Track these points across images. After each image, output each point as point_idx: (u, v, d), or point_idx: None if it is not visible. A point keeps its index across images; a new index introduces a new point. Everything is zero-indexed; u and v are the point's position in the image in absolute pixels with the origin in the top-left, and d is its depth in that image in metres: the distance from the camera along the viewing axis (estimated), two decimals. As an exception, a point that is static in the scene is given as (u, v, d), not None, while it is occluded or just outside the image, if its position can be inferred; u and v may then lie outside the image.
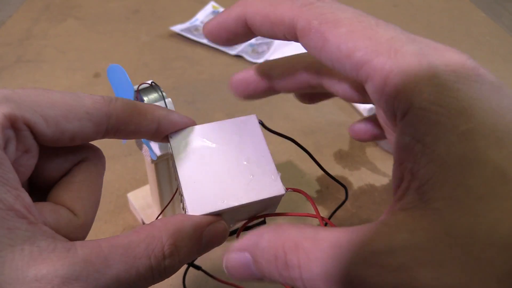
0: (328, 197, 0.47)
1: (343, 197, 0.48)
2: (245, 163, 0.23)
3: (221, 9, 0.86)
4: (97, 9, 0.85)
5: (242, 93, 0.25)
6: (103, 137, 0.20)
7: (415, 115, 0.15)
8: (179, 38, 0.76)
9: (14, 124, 0.17)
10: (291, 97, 0.65)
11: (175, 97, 0.61)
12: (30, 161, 0.18)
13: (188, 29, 0.78)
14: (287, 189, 0.23)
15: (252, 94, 0.25)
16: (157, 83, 0.33)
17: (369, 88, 0.17)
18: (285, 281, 0.17)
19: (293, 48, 0.70)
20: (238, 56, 0.72)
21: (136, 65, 0.69)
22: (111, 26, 0.79)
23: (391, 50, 0.17)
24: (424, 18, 0.88)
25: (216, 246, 0.21)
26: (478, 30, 0.85)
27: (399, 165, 0.16)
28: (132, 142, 0.48)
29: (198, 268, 0.28)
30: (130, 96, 0.32)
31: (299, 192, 0.24)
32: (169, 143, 0.23)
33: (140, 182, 0.48)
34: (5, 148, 0.16)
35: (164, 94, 0.33)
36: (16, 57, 0.69)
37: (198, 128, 0.24)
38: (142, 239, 0.18)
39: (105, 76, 0.66)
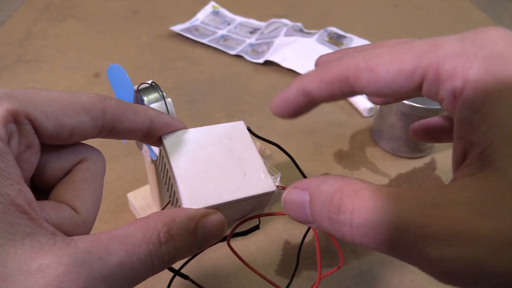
0: (328, 197, 0.47)
1: (343, 197, 0.48)
2: (237, 163, 0.24)
3: (221, 9, 0.86)
4: (97, 9, 0.85)
5: (285, 113, 0.24)
6: (99, 134, 0.21)
7: (470, 89, 0.16)
8: (179, 38, 0.76)
9: (16, 118, 0.17)
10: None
11: (175, 97, 0.61)
12: (33, 157, 0.19)
13: (188, 29, 0.78)
14: (277, 186, 0.24)
15: (294, 112, 0.24)
16: (157, 83, 0.33)
17: (426, 86, 0.18)
18: (332, 226, 0.18)
19: (293, 47, 0.70)
20: (238, 56, 0.72)
21: (136, 65, 0.69)
22: (111, 26, 0.79)
23: (434, 45, 0.19)
24: (424, 18, 0.88)
25: (215, 240, 0.21)
26: (478, 30, 0.85)
27: (459, 140, 0.17)
28: (132, 142, 0.48)
29: (185, 277, 0.27)
30: (130, 96, 0.32)
31: (284, 189, 0.25)
32: (161, 144, 0.24)
33: (140, 182, 0.48)
34: (8, 142, 0.17)
35: (164, 94, 0.33)
36: (16, 57, 0.69)
37: (190, 131, 0.25)
38: (139, 228, 0.18)
39: (105, 76, 0.66)
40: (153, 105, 0.32)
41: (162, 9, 0.86)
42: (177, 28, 0.78)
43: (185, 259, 0.27)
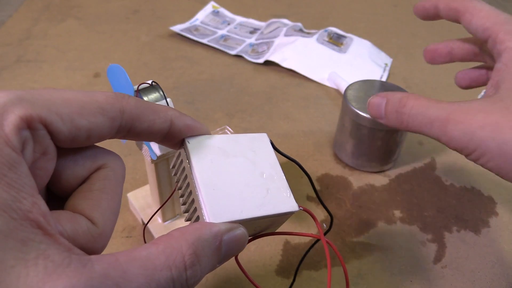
0: (328, 197, 0.47)
1: (343, 197, 0.48)
2: (260, 177, 0.23)
3: (221, 9, 0.86)
4: (97, 9, 0.85)
5: (431, 59, 0.39)
6: (117, 134, 0.20)
7: (505, 50, 0.28)
8: (179, 38, 0.76)
9: (30, 124, 0.16)
10: (291, 97, 0.65)
11: (175, 97, 0.61)
12: (48, 164, 0.18)
13: (188, 29, 0.78)
14: (299, 206, 0.24)
15: (438, 61, 0.39)
16: (157, 83, 0.33)
17: (489, 42, 0.30)
18: (396, 117, 0.28)
19: (293, 47, 0.70)
20: (238, 56, 0.72)
21: (136, 65, 0.69)
22: (111, 26, 0.79)
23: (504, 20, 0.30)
24: (424, 18, 0.88)
25: (236, 254, 0.21)
26: (478, 30, 0.85)
27: (491, 81, 0.29)
28: (132, 142, 0.48)
29: None
30: (130, 96, 0.32)
31: (308, 212, 0.25)
32: (183, 147, 0.23)
33: (140, 182, 0.48)
34: (22, 150, 0.16)
35: (164, 94, 0.33)
36: (16, 57, 0.69)
37: (214, 137, 0.24)
38: (161, 250, 0.17)
39: (105, 76, 0.66)
40: (153, 105, 0.32)
41: (162, 9, 0.86)
42: (177, 28, 0.78)
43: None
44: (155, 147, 0.35)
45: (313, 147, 0.54)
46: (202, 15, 0.84)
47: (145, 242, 0.33)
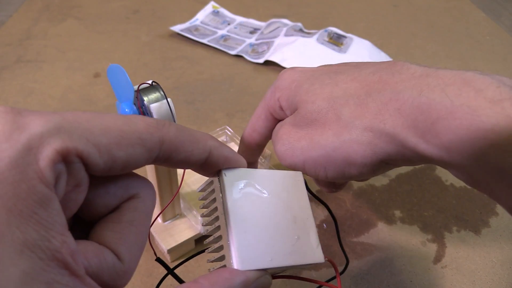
0: (328, 197, 0.47)
1: (344, 197, 0.48)
2: (291, 222, 0.23)
3: (221, 9, 0.86)
4: (97, 9, 0.85)
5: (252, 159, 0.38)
6: (153, 163, 0.19)
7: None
8: (179, 38, 0.76)
9: (66, 157, 0.15)
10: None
11: (175, 97, 0.61)
12: (80, 196, 0.17)
13: (188, 29, 0.78)
14: (325, 257, 0.24)
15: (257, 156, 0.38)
16: (158, 83, 0.33)
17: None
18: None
19: (293, 47, 0.70)
20: (238, 56, 0.72)
21: (136, 65, 0.69)
22: (111, 26, 0.79)
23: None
24: (424, 18, 0.88)
25: None
26: (478, 30, 0.85)
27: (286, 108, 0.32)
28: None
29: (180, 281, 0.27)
30: (130, 96, 0.32)
31: (332, 264, 0.25)
32: (218, 178, 0.22)
33: (140, 182, 0.48)
34: (55, 184, 0.15)
35: (164, 94, 0.33)
36: (16, 57, 0.69)
37: (250, 172, 0.23)
38: None
39: (105, 76, 0.66)
40: (153, 105, 0.32)
41: (162, 9, 0.86)
42: (177, 28, 0.78)
43: (183, 259, 0.27)
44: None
45: (313, 147, 0.54)
46: (202, 15, 0.84)
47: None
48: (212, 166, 0.21)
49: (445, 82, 0.23)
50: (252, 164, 0.39)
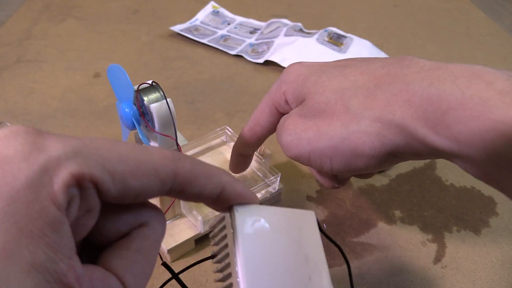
0: (329, 197, 0.47)
1: (343, 197, 0.48)
2: (304, 262, 0.22)
3: (221, 9, 0.86)
4: (97, 9, 0.85)
5: (241, 171, 0.40)
6: (165, 195, 0.19)
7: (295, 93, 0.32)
8: (179, 38, 0.76)
9: (80, 182, 0.15)
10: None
11: (175, 97, 0.61)
12: (90, 221, 0.17)
13: (188, 29, 0.78)
14: None
15: (244, 168, 0.41)
16: (157, 83, 0.33)
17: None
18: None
19: (293, 47, 0.70)
20: (238, 56, 0.72)
21: (136, 65, 0.69)
22: (111, 26, 0.79)
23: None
24: (424, 18, 0.88)
25: None
26: (478, 30, 0.85)
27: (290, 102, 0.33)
28: (132, 142, 0.48)
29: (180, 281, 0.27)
30: (130, 96, 0.32)
31: None
32: (229, 214, 0.22)
33: (140, 182, 0.48)
34: (67, 208, 0.15)
35: (164, 94, 0.33)
36: (16, 57, 0.69)
37: (262, 209, 0.23)
38: None
39: (105, 76, 0.66)
40: (153, 105, 0.32)
41: (162, 9, 0.86)
42: (177, 28, 0.78)
43: (183, 259, 0.26)
44: (156, 147, 0.35)
45: (313, 147, 0.54)
46: (202, 15, 0.84)
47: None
48: (224, 202, 0.21)
49: (455, 74, 0.23)
50: (247, 157, 0.39)
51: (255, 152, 0.45)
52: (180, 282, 0.25)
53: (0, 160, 0.15)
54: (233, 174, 0.39)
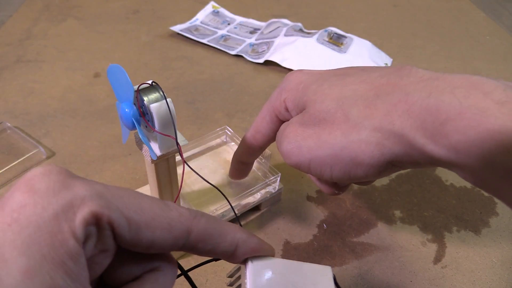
0: (329, 197, 0.47)
1: (343, 197, 0.48)
2: None
3: (221, 9, 0.86)
4: (97, 9, 0.85)
5: (240, 178, 0.40)
6: (179, 250, 0.20)
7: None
8: (179, 38, 0.76)
9: (98, 222, 0.17)
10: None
11: (175, 97, 0.61)
12: (105, 260, 0.18)
13: (188, 29, 0.78)
14: None
15: (244, 175, 0.40)
16: (157, 83, 0.33)
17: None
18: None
19: (293, 47, 0.70)
20: (238, 56, 0.72)
21: (136, 65, 0.69)
22: (111, 26, 0.79)
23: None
24: (424, 18, 0.88)
25: None
26: (478, 30, 0.85)
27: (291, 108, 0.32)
28: (132, 142, 0.48)
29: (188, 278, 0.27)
30: (130, 96, 0.32)
31: None
32: (244, 266, 0.22)
33: (140, 182, 0.48)
34: (84, 243, 0.17)
35: (164, 94, 0.33)
36: (16, 57, 0.69)
37: (277, 262, 0.23)
38: None
39: (105, 76, 0.66)
40: (153, 105, 0.32)
41: (162, 9, 0.86)
42: (177, 28, 0.78)
43: (183, 259, 0.26)
44: (155, 147, 0.35)
45: (313, 147, 0.54)
46: (202, 15, 0.84)
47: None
48: (238, 258, 0.22)
49: (453, 85, 0.23)
50: (248, 165, 0.39)
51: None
52: (190, 280, 0.25)
53: (34, 192, 0.16)
54: (233, 179, 0.40)
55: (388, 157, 0.25)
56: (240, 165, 0.39)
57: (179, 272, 0.22)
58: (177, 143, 0.34)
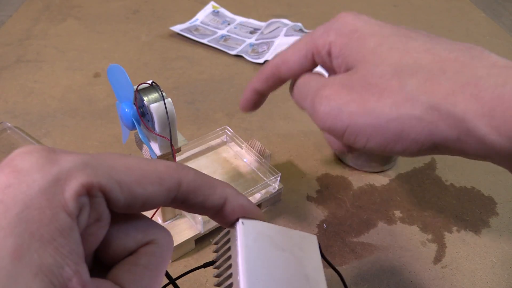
0: (328, 197, 0.47)
1: (343, 197, 0.48)
2: (304, 279, 0.22)
3: (221, 9, 0.86)
4: (97, 9, 0.85)
5: (249, 109, 0.35)
6: (171, 204, 0.20)
7: (339, 51, 0.28)
8: (179, 38, 0.76)
9: (90, 191, 0.17)
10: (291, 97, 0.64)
11: (175, 97, 0.61)
12: (100, 231, 0.18)
13: (188, 29, 0.78)
14: None
15: (254, 106, 0.35)
16: (157, 83, 0.33)
17: (317, 58, 0.30)
18: (291, 91, 0.30)
19: (293, 48, 0.70)
20: (238, 56, 0.72)
21: (136, 65, 0.69)
22: (111, 26, 0.79)
23: (310, 35, 0.30)
24: (424, 18, 0.88)
25: None
26: (478, 30, 0.85)
27: (336, 64, 0.28)
28: (132, 142, 0.48)
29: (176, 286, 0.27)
30: (130, 96, 0.32)
31: None
32: (234, 227, 0.22)
33: (140, 182, 0.48)
34: (78, 216, 0.16)
35: (164, 94, 0.33)
36: (16, 57, 0.69)
37: (266, 226, 0.23)
38: None
39: (105, 76, 0.66)
40: (153, 105, 0.32)
41: (162, 9, 0.86)
42: (177, 28, 0.78)
43: (183, 259, 0.26)
44: (155, 147, 0.35)
45: (313, 147, 0.54)
46: (202, 15, 0.84)
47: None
48: (228, 214, 0.22)
49: None
50: (262, 96, 0.35)
51: (255, 152, 0.45)
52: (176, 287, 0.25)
53: (17, 172, 0.16)
54: (242, 111, 0.36)
55: (437, 139, 0.24)
56: (253, 95, 0.35)
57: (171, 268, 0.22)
58: (171, 145, 0.34)
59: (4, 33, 0.76)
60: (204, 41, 0.75)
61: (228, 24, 0.82)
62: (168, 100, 0.33)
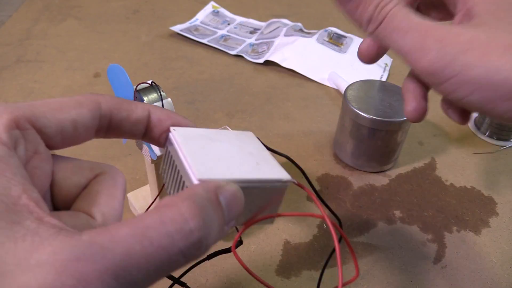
0: (328, 197, 0.47)
1: (343, 197, 0.48)
2: (249, 155, 0.22)
3: (221, 9, 0.86)
4: (97, 9, 0.85)
5: (366, 59, 0.31)
6: (99, 131, 0.21)
7: None
8: (179, 38, 0.76)
9: (18, 124, 0.18)
10: (291, 97, 0.65)
11: (175, 97, 0.61)
12: (43, 164, 0.19)
13: (188, 29, 0.78)
14: (292, 178, 0.22)
15: (374, 58, 0.31)
16: (157, 83, 0.33)
17: None
18: (371, 10, 0.25)
19: (293, 47, 0.70)
20: (238, 56, 0.72)
21: (136, 65, 0.69)
22: (111, 26, 0.79)
23: None
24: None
25: (238, 213, 0.19)
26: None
27: (458, 16, 0.26)
28: (132, 142, 0.48)
29: (183, 284, 0.27)
30: (130, 96, 0.32)
31: (300, 186, 0.24)
32: (167, 137, 0.22)
33: (140, 182, 0.48)
34: (15, 149, 0.17)
35: (163, 94, 0.33)
36: (16, 57, 0.69)
37: (199, 129, 0.23)
38: (154, 212, 0.16)
39: (105, 76, 0.66)
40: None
41: (162, 9, 0.86)
42: (177, 28, 0.78)
43: (186, 268, 0.26)
44: (155, 147, 0.35)
45: (313, 147, 0.54)
46: (202, 15, 0.84)
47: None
48: (157, 128, 0.22)
49: None
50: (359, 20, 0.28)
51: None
52: (181, 283, 0.25)
53: None
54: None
55: None
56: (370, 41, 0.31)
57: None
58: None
59: (4, 33, 0.76)
60: (204, 41, 0.75)
61: (228, 24, 0.82)
62: (168, 100, 0.33)
